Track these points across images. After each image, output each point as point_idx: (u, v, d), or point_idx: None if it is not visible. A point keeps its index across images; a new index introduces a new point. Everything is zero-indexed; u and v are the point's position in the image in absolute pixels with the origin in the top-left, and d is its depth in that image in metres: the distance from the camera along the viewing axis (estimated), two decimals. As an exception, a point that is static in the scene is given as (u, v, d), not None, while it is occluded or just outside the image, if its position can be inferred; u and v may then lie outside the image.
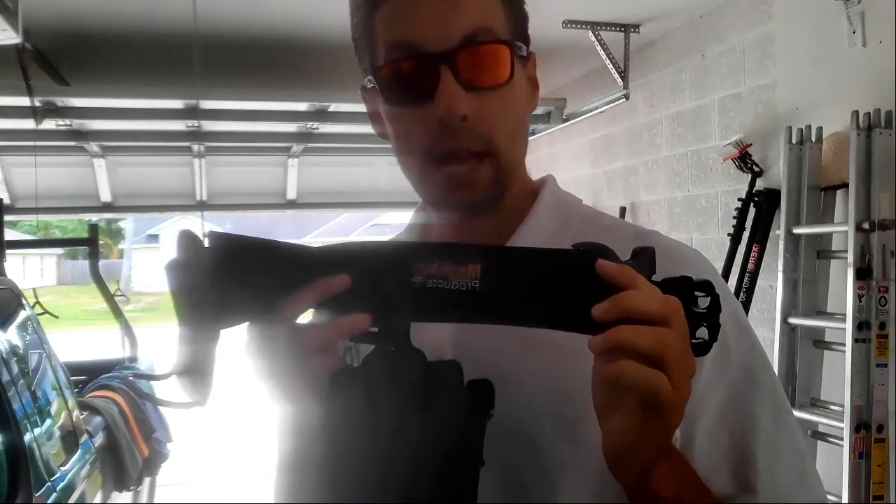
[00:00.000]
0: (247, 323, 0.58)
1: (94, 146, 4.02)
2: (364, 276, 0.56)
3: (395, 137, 0.71)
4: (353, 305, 0.56)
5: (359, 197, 4.82)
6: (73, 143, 3.91)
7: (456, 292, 0.55)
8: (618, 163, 3.76)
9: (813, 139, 2.45)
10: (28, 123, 3.18)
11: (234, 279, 0.56)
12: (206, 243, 0.57)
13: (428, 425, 0.53)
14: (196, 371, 0.59)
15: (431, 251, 0.57)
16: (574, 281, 0.53)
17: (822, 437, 2.35)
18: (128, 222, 28.78)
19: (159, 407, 3.97)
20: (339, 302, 0.56)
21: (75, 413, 2.96)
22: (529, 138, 4.24)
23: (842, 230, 2.28)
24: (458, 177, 0.67)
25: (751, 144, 2.75)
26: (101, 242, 4.25)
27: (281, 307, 0.57)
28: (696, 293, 0.55)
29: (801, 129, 2.47)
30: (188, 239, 0.57)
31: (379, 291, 0.56)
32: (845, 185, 2.28)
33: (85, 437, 2.95)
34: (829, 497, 2.21)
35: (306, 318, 0.60)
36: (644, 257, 0.56)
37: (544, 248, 0.57)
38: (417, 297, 0.55)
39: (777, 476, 0.66)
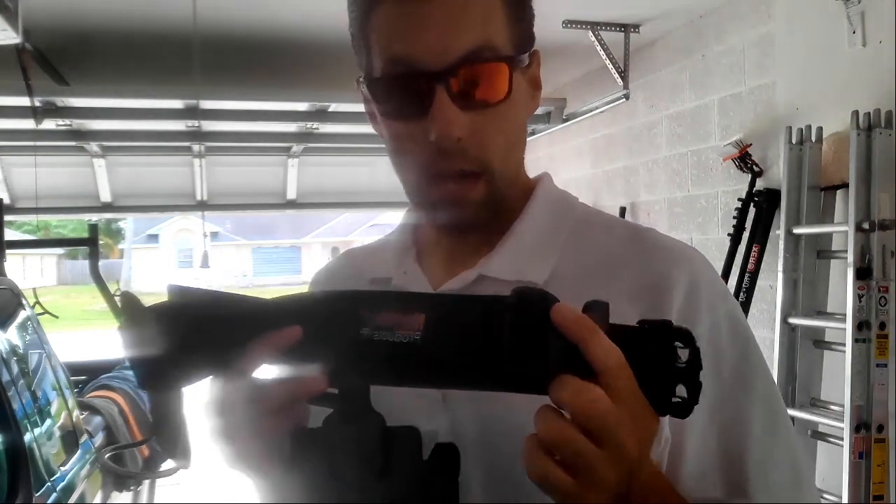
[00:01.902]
0: (208, 380, 0.57)
1: (94, 146, 4.02)
2: (316, 328, 0.55)
3: (391, 150, 0.70)
4: (309, 360, 0.55)
5: (359, 197, 4.82)
6: (73, 143, 3.91)
7: (399, 345, 0.52)
8: (618, 163, 3.76)
9: (813, 139, 2.45)
10: (28, 123, 3.18)
11: (187, 335, 0.55)
12: (167, 296, 0.56)
13: (387, 492, 0.52)
14: (171, 436, 0.59)
15: (379, 300, 0.55)
16: (515, 333, 0.49)
17: (822, 437, 2.35)
18: (128, 222, 28.80)
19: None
20: (293, 356, 0.55)
21: (75, 413, 2.96)
22: (530, 138, 4.25)
23: (842, 230, 2.28)
24: (450, 196, 0.66)
25: (751, 144, 2.75)
26: (101, 242, 4.24)
27: (233, 362, 0.55)
28: (676, 343, 0.51)
29: (801, 129, 2.47)
30: (131, 303, 0.56)
31: (331, 344, 0.54)
32: (845, 185, 2.28)
33: (85, 437, 2.95)
34: (829, 497, 2.21)
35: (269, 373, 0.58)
36: (597, 308, 0.51)
37: (488, 296, 0.53)
38: (366, 352, 0.53)
39: (770, 479, 0.65)
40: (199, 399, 0.60)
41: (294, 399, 0.55)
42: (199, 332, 0.55)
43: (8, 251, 3.13)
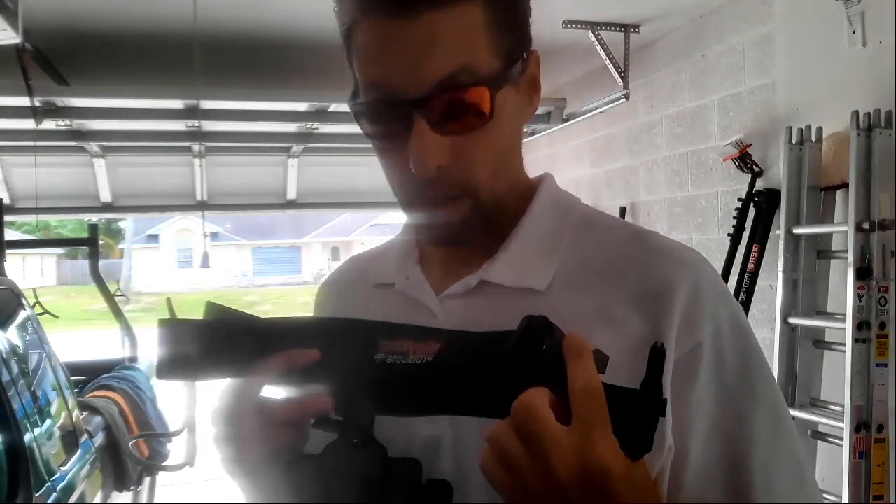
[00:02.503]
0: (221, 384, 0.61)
1: (94, 146, 4.02)
2: (332, 352, 0.58)
3: (381, 164, 0.70)
4: (320, 380, 0.57)
5: (359, 197, 4.82)
6: (73, 143, 3.91)
7: (411, 367, 0.54)
8: (618, 163, 3.77)
9: (813, 139, 2.45)
10: (28, 123, 3.18)
11: (217, 348, 0.60)
12: (204, 313, 0.61)
13: None
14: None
15: (397, 330, 0.58)
16: (518, 363, 0.51)
17: (822, 437, 2.35)
18: (128, 222, 28.79)
19: (159, 408, 3.97)
20: (306, 376, 0.58)
21: (75, 413, 2.96)
22: (530, 138, 4.23)
23: (842, 230, 2.28)
24: (435, 217, 0.66)
25: (751, 144, 2.75)
26: (101, 242, 4.25)
27: (252, 372, 0.58)
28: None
29: (801, 129, 2.47)
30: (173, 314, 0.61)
31: (343, 368, 0.57)
32: (845, 185, 2.28)
33: (85, 437, 2.95)
34: (829, 497, 2.21)
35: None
36: (597, 357, 0.51)
37: (498, 332, 0.54)
38: (376, 377, 0.55)
39: (774, 484, 0.64)
40: (209, 404, 0.63)
41: (300, 416, 0.58)
42: (226, 337, 0.60)
43: (8, 251, 3.13)
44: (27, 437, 2.31)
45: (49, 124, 3.44)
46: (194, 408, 3.37)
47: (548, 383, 0.50)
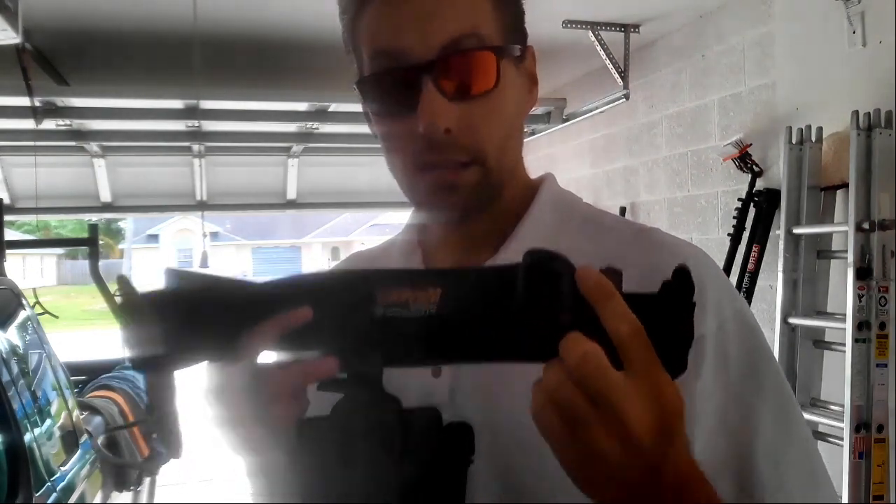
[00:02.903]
0: (204, 364, 0.55)
1: (94, 146, 4.02)
2: (325, 310, 0.52)
3: (384, 148, 0.70)
4: (318, 343, 0.53)
5: (359, 197, 4.81)
6: (73, 143, 3.91)
7: (414, 320, 0.51)
8: (618, 163, 3.77)
9: (813, 139, 2.45)
10: (28, 123, 3.18)
11: (189, 318, 0.53)
12: (163, 281, 0.54)
13: (405, 476, 0.50)
14: (163, 426, 0.57)
15: (391, 277, 0.54)
16: (529, 296, 0.48)
17: (822, 437, 2.35)
18: (128, 222, 28.81)
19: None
20: (302, 339, 0.52)
21: (75, 413, 2.96)
22: (530, 138, 4.23)
23: (842, 230, 2.28)
24: (442, 181, 0.65)
25: (751, 144, 2.75)
26: (101, 242, 4.24)
27: (240, 344, 0.52)
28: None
29: (801, 129, 2.47)
30: (126, 287, 0.54)
31: (341, 325, 0.52)
32: (845, 185, 2.28)
33: (85, 437, 2.95)
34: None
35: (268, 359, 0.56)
36: (611, 275, 0.49)
37: (501, 265, 0.52)
38: (379, 331, 0.51)
39: (785, 479, 0.64)
40: (197, 386, 0.57)
41: (301, 384, 0.54)
42: (200, 314, 0.53)
43: (8, 251, 3.13)
44: (27, 437, 2.31)
45: (49, 124, 3.44)
46: (166, 394, 3.26)
47: (576, 326, 0.47)
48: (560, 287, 0.48)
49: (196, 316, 0.53)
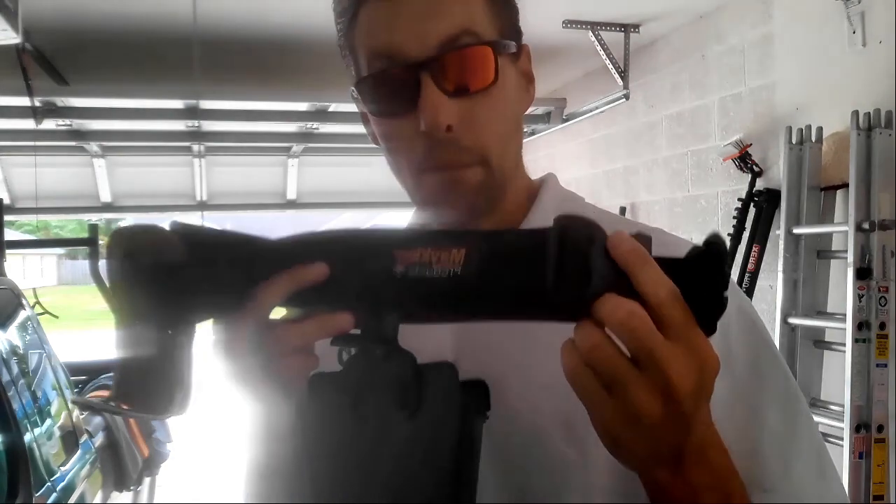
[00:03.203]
0: (213, 319, 0.53)
1: (94, 146, 4.02)
2: (343, 266, 0.51)
3: (385, 150, 0.69)
4: (333, 299, 0.51)
5: (359, 197, 4.82)
6: (73, 143, 3.91)
7: (438, 280, 0.50)
8: (618, 163, 3.77)
9: (813, 139, 2.45)
10: (28, 123, 3.18)
11: (199, 270, 0.51)
12: (168, 232, 0.52)
13: (419, 432, 0.49)
14: (165, 380, 0.54)
15: (413, 237, 0.52)
16: (561, 260, 0.48)
17: (823, 437, 2.35)
18: (128, 222, 28.77)
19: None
20: (316, 295, 0.51)
21: (75, 413, 2.96)
22: (530, 138, 4.23)
23: (842, 230, 2.28)
24: (446, 181, 0.65)
25: (751, 144, 2.75)
26: (101, 242, 4.24)
27: (252, 297, 0.51)
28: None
29: (801, 129, 2.47)
30: (127, 231, 0.52)
31: (359, 283, 0.51)
32: (845, 185, 2.28)
33: (85, 437, 2.95)
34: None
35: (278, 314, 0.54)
36: (642, 240, 0.49)
37: (529, 229, 0.52)
38: (399, 289, 0.50)
39: (793, 472, 0.64)
40: (206, 338, 0.55)
41: (314, 339, 0.53)
42: (212, 265, 0.51)
43: (8, 251, 3.14)
44: (27, 437, 2.31)
45: (49, 124, 3.44)
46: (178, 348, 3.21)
47: (608, 289, 0.47)
48: (592, 251, 0.48)
49: (206, 267, 0.52)
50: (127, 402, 0.55)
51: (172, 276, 0.51)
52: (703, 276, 0.48)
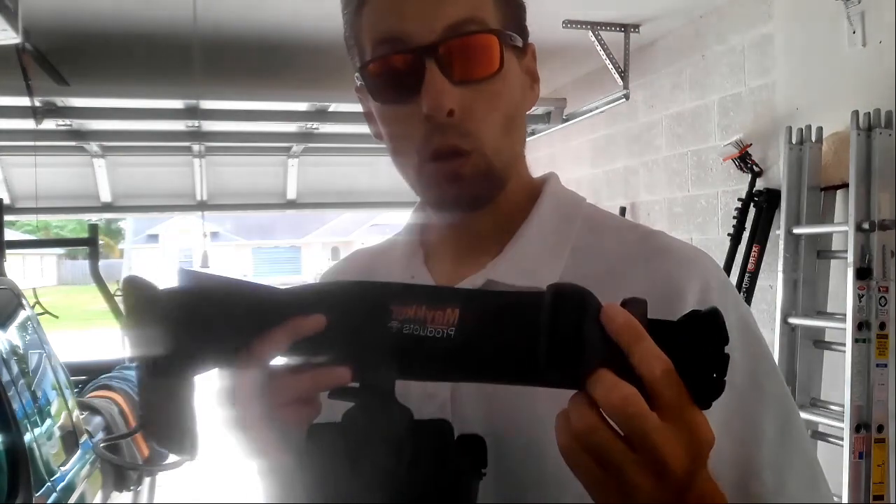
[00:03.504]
0: (217, 369, 0.55)
1: (94, 146, 4.02)
2: (340, 319, 0.52)
3: (387, 136, 0.69)
4: (330, 350, 0.52)
5: (359, 197, 4.81)
6: (73, 143, 3.91)
7: (432, 340, 0.50)
8: (618, 163, 3.77)
9: (813, 139, 2.45)
10: (28, 123, 3.18)
11: (203, 321, 0.53)
12: (177, 281, 0.54)
13: (415, 487, 0.50)
14: (173, 427, 0.56)
15: (408, 293, 0.53)
16: (555, 332, 0.48)
17: (822, 437, 2.35)
18: (128, 222, 28.79)
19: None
20: (314, 346, 0.52)
21: (75, 413, 2.96)
22: (530, 138, 4.24)
23: (842, 230, 2.28)
24: (445, 172, 0.65)
25: (751, 144, 2.75)
26: (101, 242, 4.24)
27: (251, 349, 0.52)
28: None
29: (801, 129, 2.47)
30: (138, 286, 0.54)
31: (356, 336, 0.52)
32: (845, 185, 2.28)
33: (85, 437, 2.95)
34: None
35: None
36: (636, 306, 0.48)
37: (523, 292, 0.52)
38: (394, 345, 0.51)
39: (787, 484, 0.64)
40: (209, 386, 0.57)
41: (314, 391, 0.54)
42: (214, 317, 0.53)
43: (8, 251, 3.13)
44: (27, 437, 2.31)
45: (49, 124, 3.44)
46: (167, 400, 3.24)
47: (602, 360, 0.47)
48: (585, 323, 0.48)
49: (211, 317, 0.53)
50: (149, 436, 0.57)
51: (177, 330, 0.52)
52: (701, 348, 0.48)
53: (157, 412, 0.56)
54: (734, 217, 2.79)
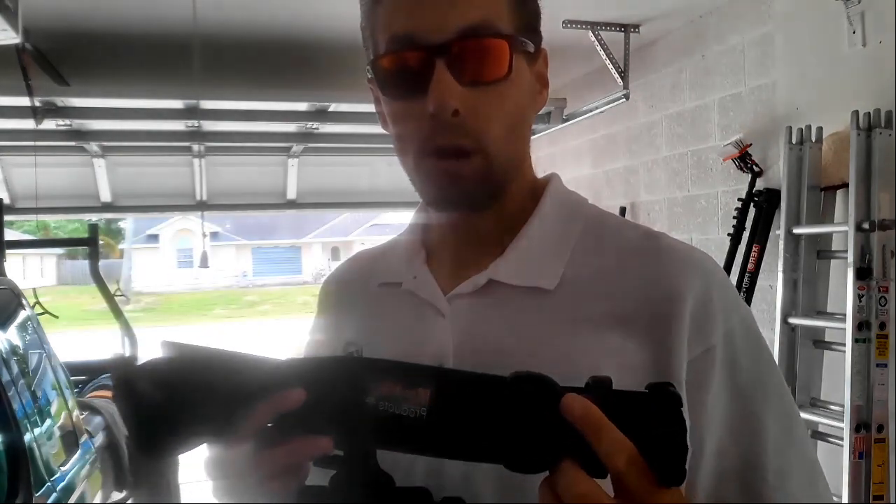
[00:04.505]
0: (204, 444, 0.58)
1: (94, 146, 4.02)
2: (319, 393, 0.54)
3: (393, 132, 0.70)
4: (312, 423, 0.55)
5: (359, 197, 4.82)
6: (73, 143, 3.91)
7: (406, 419, 0.53)
8: (618, 163, 3.77)
9: (813, 139, 2.45)
10: (28, 123, 3.18)
11: (186, 402, 0.55)
12: (161, 352, 0.56)
13: None
14: (160, 496, 0.59)
15: (383, 370, 0.55)
16: (517, 415, 0.51)
17: (822, 437, 2.35)
18: (128, 222, 28.79)
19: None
20: (298, 418, 0.54)
21: (75, 413, 2.96)
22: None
23: (842, 230, 2.28)
24: (446, 171, 0.66)
25: (751, 144, 2.75)
26: (101, 242, 4.24)
27: (237, 424, 0.55)
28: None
29: (801, 129, 2.47)
30: (124, 368, 0.57)
31: (335, 409, 0.54)
32: (845, 185, 2.28)
33: (85, 437, 2.95)
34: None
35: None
36: (599, 388, 0.51)
37: (489, 376, 0.53)
38: (372, 420, 0.53)
39: (788, 484, 0.65)
40: (199, 457, 0.60)
41: (298, 461, 0.56)
42: (197, 398, 0.55)
43: (8, 251, 3.14)
44: (27, 437, 2.31)
45: (49, 124, 3.44)
46: (153, 473, 3.19)
47: (563, 445, 0.49)
48: (545, 413, 0.50)
49: (194, 400, 0.55)
50: (137, 499, 0.60)
51: (160, 411, 0.55)
52: (663, 424, 0.49)
53: (143, 483, 0.59)
54: (734, 217, 2.79)
